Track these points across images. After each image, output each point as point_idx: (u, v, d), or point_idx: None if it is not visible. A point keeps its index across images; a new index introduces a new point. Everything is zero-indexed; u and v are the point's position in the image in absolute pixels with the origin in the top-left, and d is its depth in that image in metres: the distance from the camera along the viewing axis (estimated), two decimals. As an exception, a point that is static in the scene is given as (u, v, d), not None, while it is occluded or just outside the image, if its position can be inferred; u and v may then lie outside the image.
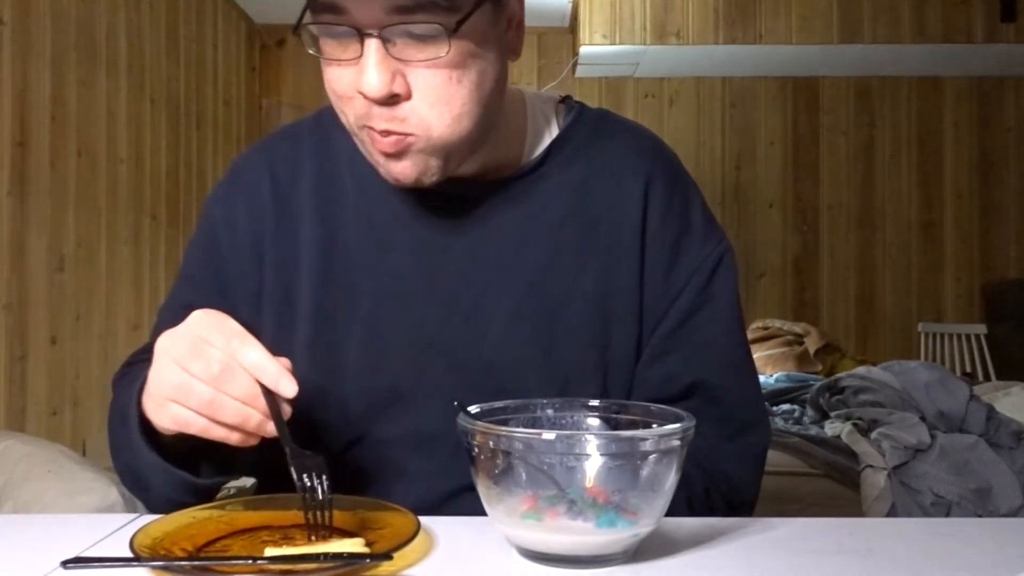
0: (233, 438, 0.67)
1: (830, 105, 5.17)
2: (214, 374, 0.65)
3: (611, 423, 0.70)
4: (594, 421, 0.71)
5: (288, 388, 0.65)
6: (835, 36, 4.39)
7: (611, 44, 4.41)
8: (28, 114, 2.70)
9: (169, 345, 0.67)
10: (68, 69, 2.94)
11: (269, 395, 0.65)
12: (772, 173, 5.17)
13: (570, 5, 4.63)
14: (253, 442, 0.68)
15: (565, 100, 0.92)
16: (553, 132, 0.88)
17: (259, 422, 0.66)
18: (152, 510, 0.81)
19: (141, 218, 3.51)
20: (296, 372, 0.79)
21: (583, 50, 4.47)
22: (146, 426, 0.73)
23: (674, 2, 4.37)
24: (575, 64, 4.81)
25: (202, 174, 4.17)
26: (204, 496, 0.77)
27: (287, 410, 0.67)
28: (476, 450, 0.62)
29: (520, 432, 0.60)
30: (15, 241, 2.63)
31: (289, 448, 0.66)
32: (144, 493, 0.81)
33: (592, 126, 0.89)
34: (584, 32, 4.39)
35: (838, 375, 2.71)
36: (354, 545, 0.61)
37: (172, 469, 0.74)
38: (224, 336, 0.66)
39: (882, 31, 4.39)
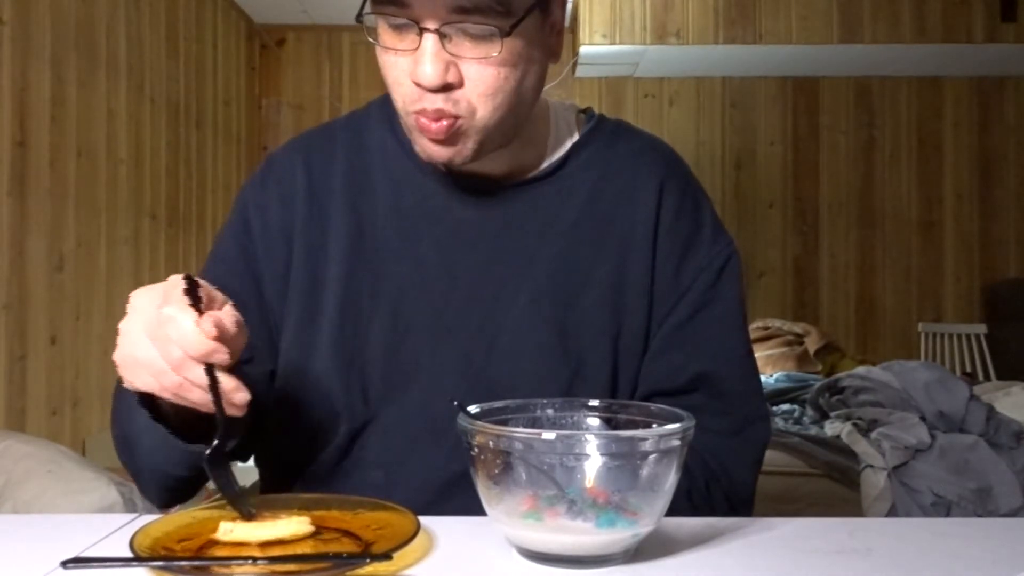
0: (203, 408, 0.66)
1: (830, 105, 5.16)
2: (175, 360, 0.63)
3: (611, 423, 0.70)
4: (594, 421, 0.71)
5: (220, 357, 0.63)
6: (835, 36, 4.38)
7: (611, 44, 4.41)
8: (28, 114, 2.69)
9: (142, 306, 0.66)
10: (68, 69, 2.93)
11: (209, 368, 0.64)
12: (772, 173, 5.17)
13: (570, 5, 4.63)
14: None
15: (585, 111, 0.97)
16: (574, 138, 0.93)
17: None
18: (142, 487, 0.82)
19: (141, 218, 3.51)
20: (321, 355, 0.85)
21: (583, 50, 4.47)
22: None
23: (674, 2, 4.36)
24: (575, 64, 4.81)
25: (202, 174, 4.17)
26: (192, 470, 0.76)
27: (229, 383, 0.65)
28: (476, 450, 0.62)
29: (520, 432, 0.60)
30: (15, 241, 2.63)
31: (221, 427, 0.65)
32: (135, 461, 0.80)
33: (610, 134, 0.94)
34: (584, 32, 4.39)
35: (838, 375, 2.71)
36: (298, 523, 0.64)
37: (161, 428, 0.73)
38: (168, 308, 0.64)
39: (882, 31, 4.39)
